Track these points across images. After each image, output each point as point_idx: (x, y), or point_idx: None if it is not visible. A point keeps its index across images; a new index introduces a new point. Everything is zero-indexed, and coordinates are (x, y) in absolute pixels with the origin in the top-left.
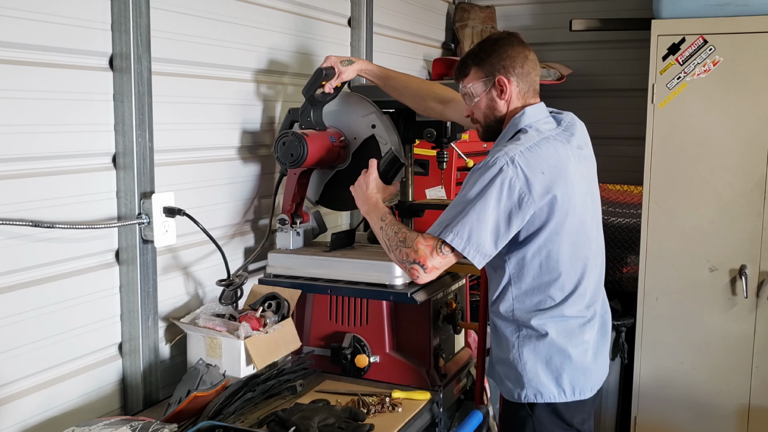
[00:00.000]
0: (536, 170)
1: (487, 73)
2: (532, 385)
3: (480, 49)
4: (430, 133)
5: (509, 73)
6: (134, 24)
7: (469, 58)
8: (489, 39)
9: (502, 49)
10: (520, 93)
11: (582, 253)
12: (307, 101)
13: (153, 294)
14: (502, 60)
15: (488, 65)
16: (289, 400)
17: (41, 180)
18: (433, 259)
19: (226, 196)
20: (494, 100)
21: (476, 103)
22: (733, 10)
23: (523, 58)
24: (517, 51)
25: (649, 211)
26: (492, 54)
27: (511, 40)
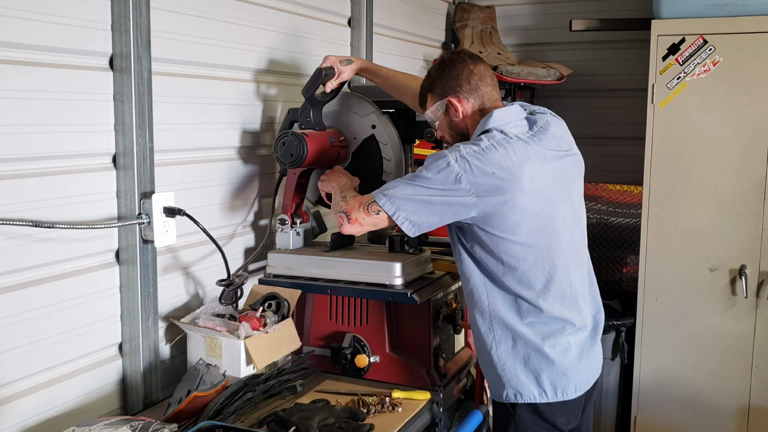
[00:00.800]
0: (486, 170)
1: (439, 97)
2: (512, 385)
3: (429, 76)
4: (430, 133)
5: (458, 92)
6: (134, 24)
7: (422, 87)
8: (440, 62)
9: (447, 71)
10: (473, 108)
11: (549, 252)
12: (307, 101)
13: (153, 294)
14: (449, 81)
15: (438, 89)
16: (289, 400)
17: (41, 180)
18: (358, 212)
19: (226, 196)
20: (452, 120)
21: (439, 126)
22: (733, 10)
23: (468, 74)
24: (460, 69)
25: (649, 211)
26: (439, 78)
27: (454, 60)
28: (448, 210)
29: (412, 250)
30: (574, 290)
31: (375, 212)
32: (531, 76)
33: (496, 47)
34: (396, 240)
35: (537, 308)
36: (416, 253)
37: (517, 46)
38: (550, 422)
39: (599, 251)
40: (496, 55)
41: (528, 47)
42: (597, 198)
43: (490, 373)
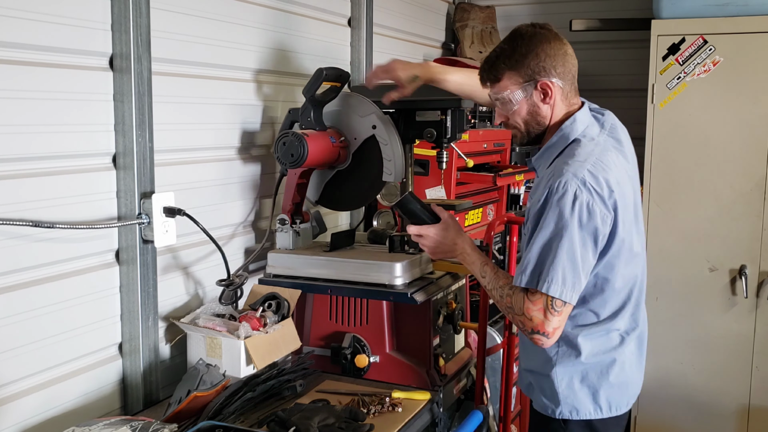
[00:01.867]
0: (605, 189)
1: (526, 77)
2: (567, 402)
3: (513, 49)
4: (430, 133)
5: (551, 75)
6: (134, 24)
7: (500, 60)
8: (521, 36)
9: (540, 48)
10: (564, 95)
11: (632, 268)
12: (308, 101)
13: (153, 294)
14: (542, 61)
15: (526, 68)
16: (289, 400)
17: (42, 180)
18: (550, 322)
19: (226, 196)
20: (537, 106)
21: (514, 111)
22: (733, 10)
23: (563, 55)
24: (556, 48)
25: (649, 211)
26: (528, 54)
27: (547, 36)
28: (598, 243)
29: (412, 250)
30: (636, 303)
31: (560, 307)
32: None
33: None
34: (396, 240)
35: (608, 324)
36: (416, 253)
37: None
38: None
39: None
40: None
41: None
42: None
43: (544, 387)
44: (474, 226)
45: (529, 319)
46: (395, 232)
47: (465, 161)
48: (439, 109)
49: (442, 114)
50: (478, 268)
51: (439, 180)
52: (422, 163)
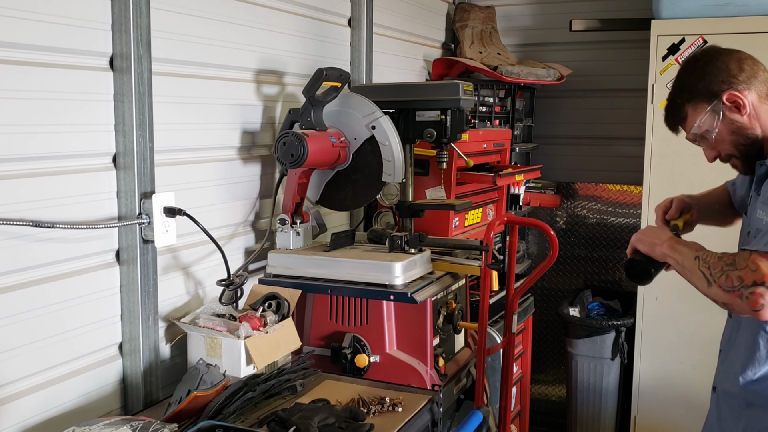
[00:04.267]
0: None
1: (708, 100)
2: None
3: (683, 82)
4: (430, 134)
5: (733, 85)
6: (134, 24)
7: (677, 98)
8: (686, 67)
9: (709, 67)
10: (760, 98)
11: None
12: (308, 101)
13: (153, 294)
14: (716, 77)
15: (704, 92)
16: (289, 400)
17: (42, 180)
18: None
19: (227, 196)
20: (736, 122)
21: (717, 138)
22: (732, 11)
23: (738, 60)
24: (726, 59)
25: (649, 211)
26: (700, 79)
27: (711, 54)
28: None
29: (412, 250)
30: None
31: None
32: (531, 76)
33: (496, 47)
34: (396, 240)
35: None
36: (416, 253)
37: (517, 46)
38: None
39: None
40: (496, 55)
41: (528, 47)
42: (597, 198)
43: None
44: (474, 226)
45: (753, 270)
46: (395, 232)
47: (465, 161)
48: (439, 109)
49: (442, 114)
50: (690, 253)
51: (439, 180)
52: (422, 163)
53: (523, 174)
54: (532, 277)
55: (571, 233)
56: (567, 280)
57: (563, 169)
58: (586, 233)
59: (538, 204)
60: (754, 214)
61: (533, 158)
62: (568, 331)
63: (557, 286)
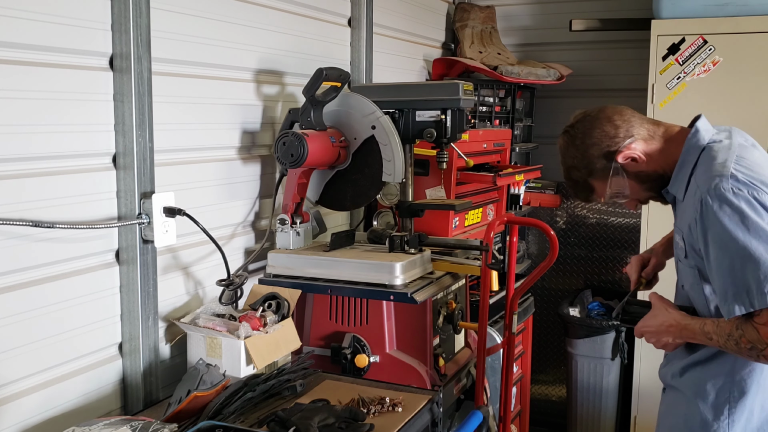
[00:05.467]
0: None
1: (604, 167)
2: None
3: (573, 161)
4: (430, 133)
5: (619, 145)
6: (134, 24)
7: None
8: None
9: (588, 139)
10: (647, 141)
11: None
12: (308, 101)
13: (153, 294)
14: (601, 144)
15: (598, 162)
16: (289, 400)
17: (42, 180)
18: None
19: (226, 196)
20: (640, 173)
21: (631, 191)
22: (732, 10)
23: (608, 120)
24: (598, 124)
25: (649, 211)
26: (587, 152)
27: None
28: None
29: (412, 250)
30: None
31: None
32: (531, 76)
33: (496, 47)
34: (396, 240)
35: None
36: (416, 253)
37: (517, 46)
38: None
39: (599, 251)
40: (496, 55)
41: (528, 47)
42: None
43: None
44: (474, 226)
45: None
46: (395, 232)
47: (465, 161)
48: (439, 109)
49: (442, 114)
50: (701, 334)
51: (439, 180)
52: (422, 163)
53: (523, 174)
54: (532, 277)
55: (571, 233)
56: (567, 280)
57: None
58: (586, 233)
59: (538, 204)
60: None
61: (533, 158)
62: (568, 331)
63: (557, 286)
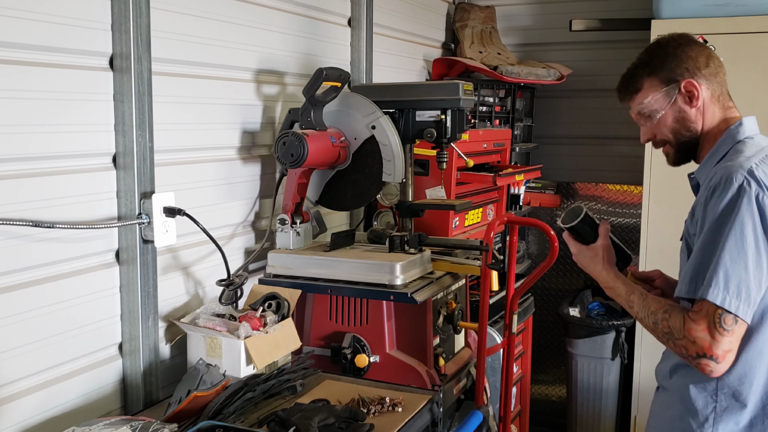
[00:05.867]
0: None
1: (667, 81)
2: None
3: (650, 57)
4: (430, 133)
5: (695, 75)
6: (134, 24)
7: (638, 68)
8: (657, 43)
9: (680, 51)
10: (713, 97)
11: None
12: (308, 101)
13: (153, 294)
14: (683, 62)
15: (667, 71)
16: (289, 400)
17: (41, 180)
18: (718, 342)
19: (227, 196)
20: (683, 111)
21: (659, 121)
22: (732, 11)
23: (707, 56)
24: (697, 50)
25: (649, 211)
26: (668, 58)
27: (686, 40)
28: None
29: (412, 250)
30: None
31: (731, 324)
32: (531, 76)
33: (495, 47)
34: (396, 240)
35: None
36: (416, 253)
37: (517, 46)
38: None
39: None
40: (496, 55)
41: (528, 47)
42: (597, 198)
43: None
44: (474, 226)
45: (692, 341)
46: (395, 232)
47: (465, 161)
48: (439, 109)
49: (442, 114)
50: (624, 301)
51: (439, 180)
52: (422, 163)
53: (523, 174)
54: (532, 277)
55: None
56: (567, 280)
57: (563, 169)
58: None
59: (538, 204)
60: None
61: (533, 158)
62: (568, 331)
63: (557, 286)
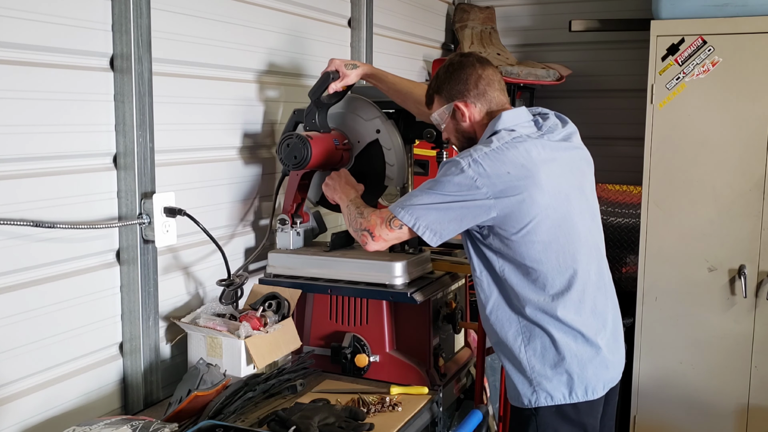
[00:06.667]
0: (500, 171)
1: (446, 100)
2: (542, 388)
3: (437, 78)
4: (429, 134)
5: (465, 97)
6: (135, 24)
7: (431, 86)
8: (445, 66)
9: (455, 75)
10: (480, 112)
11: (569, 249)
12: (313, 103)
13: (154, 294)
14: (457, 85)
15: (446, 92)
16: (290, 400)
17: (42, 180)
18: (381, 229)
19: (227, 196)
20: (458, 124)
21: (445, 128)
22: (732, 11)
23: (476, 79)
24: (468, 73)
25: (648, 211)
26: (447, 81)
27: (462, 63)
28: (467, 214)
29: (412, 250)
30: (592, 295)
31: (397, 227)
32: (530, 76)
33: (495, 48)
34: None
35: (558, 309)
36: (416, 253)
37: (516, 47)
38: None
39: None
40: (495, 55)
41: (527, 48)
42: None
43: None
44: None
45: (367, 220)
46: None
47: None
48: None
49: None
50: (350, 196)
51: None
52: (422, 163)
53: None
54: None
55: None
56: None
57: None
58: None
59: None
60: None
61: None
62: None
63: None
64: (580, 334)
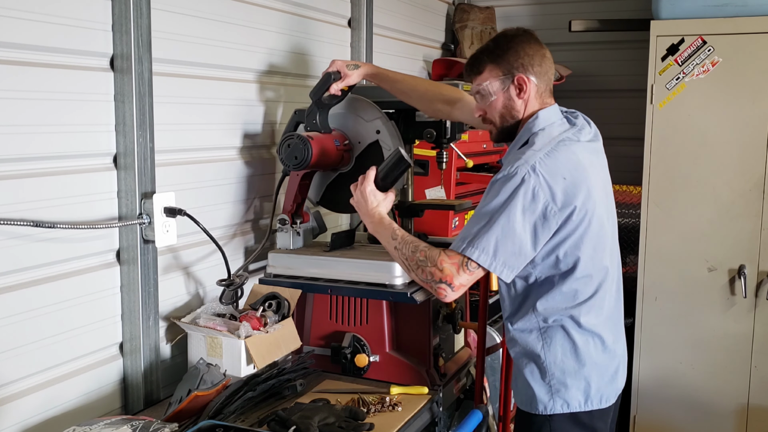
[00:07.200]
0: (558, 176)
1: (505, 71)
2: (560, 395)
3: (496, 46)
4: (429, 134)
5: (528, 71)
6: (135, 25)
7: (484, 54)
8: (504, 35)
9: (520, 47)
10: (538, 92)
11: (601, 256)
12: (314, 104)
13: (154, 294)
14: (521, 57)
15: (506, 62)
16: (290, 400)
17: (42, 180)
18: (459, 277)
19: (227, 196)
20: (512, 100)
21: (491, 103)
22: (732, 11)
23: (541, 56)
24: (535, 49)
25: (648, 211)
26: (509, 51)
27: (528, 38)
28: (539, 230)
29: None
30: (613, 302)
31: (475, 268)
32: None
33: None
34: None
35: (576, 320)
36: None
37: None
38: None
39: None
40: None
41: None
42: None
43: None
44: None
45: (440, 269)
46: None
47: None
48: None
49: None
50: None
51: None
52: (422, 164)
53: None
54: None
55: None
56: None
57: None
58: None
59: None
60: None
61: None
62: None
63: None
64: (600, 342)
